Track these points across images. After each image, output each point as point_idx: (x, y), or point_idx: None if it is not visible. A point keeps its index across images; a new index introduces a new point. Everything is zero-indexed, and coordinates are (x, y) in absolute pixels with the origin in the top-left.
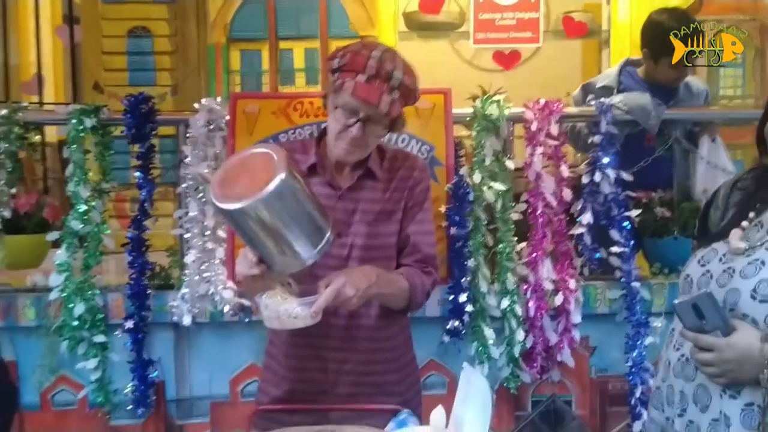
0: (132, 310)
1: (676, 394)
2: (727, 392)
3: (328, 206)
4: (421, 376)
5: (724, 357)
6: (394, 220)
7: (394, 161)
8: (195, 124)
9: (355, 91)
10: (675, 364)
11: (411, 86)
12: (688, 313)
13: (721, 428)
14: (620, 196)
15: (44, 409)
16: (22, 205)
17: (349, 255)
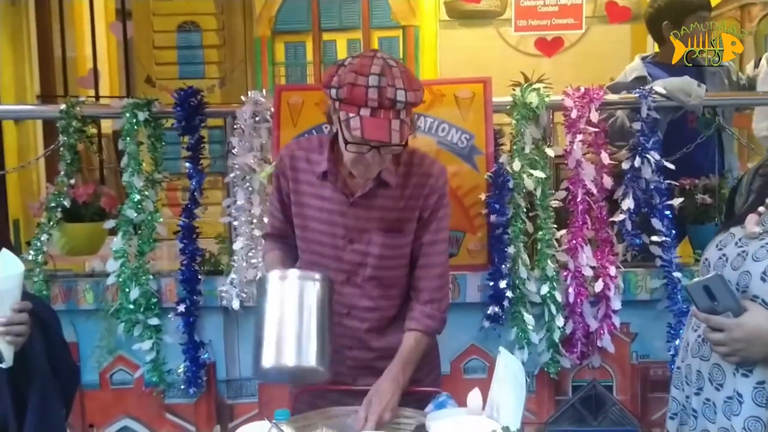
0: (184, 295)
1: (693, 373)
2: (740, 371)
3: (340, 213)
4: (462, 360)
5: (734, 336)
6: (409, 229)
7: (409, 166)
8: (241, 115)
9: (362, 132)
10: (692, 344)
11: (416, 99)
12: (700, 294)
13: (734, 406)
14: (662, 185)
15: (103, 388)
16: (80, 194)
17: (365, 263)
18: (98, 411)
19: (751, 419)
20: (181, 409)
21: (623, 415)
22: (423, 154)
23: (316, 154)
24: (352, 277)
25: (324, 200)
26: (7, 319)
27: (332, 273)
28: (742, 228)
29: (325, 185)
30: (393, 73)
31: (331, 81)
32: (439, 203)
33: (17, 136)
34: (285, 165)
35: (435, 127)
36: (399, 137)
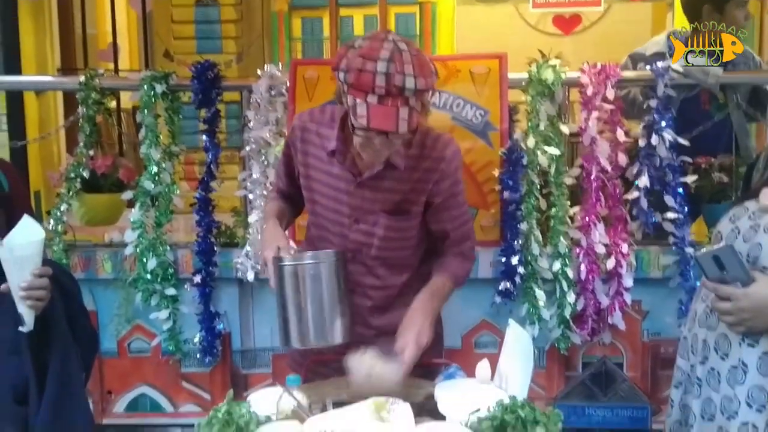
0: (200, 266)
1: (700, 343)
2: (746, 341)
3: (347, 192)
4: (473, 335)
5: (741, 306)
6: (416, 213)
7: (421, 148)
8: (257, 90)
9: (369, 121)
10: (700, 314)
11: (427, 86)
12: (709, 264)
13: (739, 375)
14: (676, 162)
15: (121, 355)
16: (99, 166)
17: (370, 243)
18: (116, 378)
19: (755, 388)
20: (197, 377)
21: (633, 391)
22: (437, 135)
23: (327, 129)
24: (358, 255)
25: (331, 177)
26: (28, 283)
27: (337, 248)
28: (757, 202)
29: (333, 162)
30: (403, 58)
31: (340, 63)
32: (455, 187)
33: (38, 108)
34: (296, 136)
35: (450, 102)
36: (407, 126)
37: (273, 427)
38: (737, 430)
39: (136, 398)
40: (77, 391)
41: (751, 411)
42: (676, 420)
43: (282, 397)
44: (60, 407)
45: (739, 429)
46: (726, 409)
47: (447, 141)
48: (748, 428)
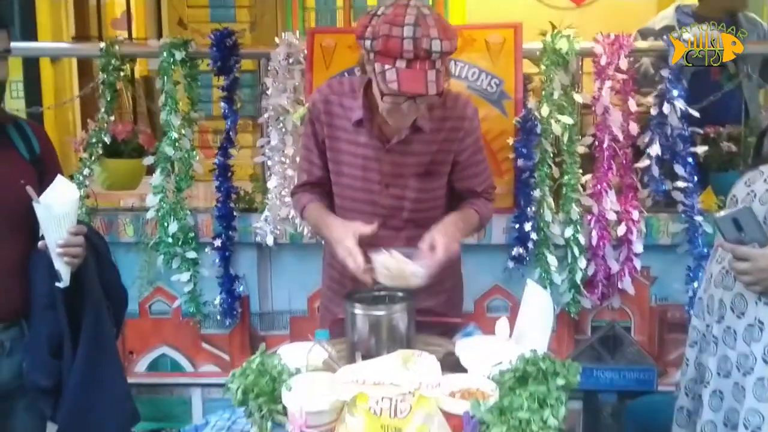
0: (219, 230)
1: (716, 303)
2: (762, 299)
3: (376, 159)
4: (485, 300)
5: (759, 266)
6: (443, 172)
7: (443, 109)
8: (275, 57)
9: (399, 85)
10: (716, 275)
11: (451, 48)
12: (728, 226)
13: (755, 333)
14: (686, 132)
15: (143, 317)
16: (119, 132)
17: (401, 206)
18: (137, 339)
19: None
20: (217, 339)
21: (640, 355)
22: (456, 95)
23: (350, 99)
24: (389, 220)
25: (359, 146)
26: (65, 240)
27: (367, 217)
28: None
29: (360, 131)
30: (428, 22)
31: (364, 32)
32: (477, 144)
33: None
34: (319, 110)
35: (465, 71)
36: (435, 88)
37: (307, 376)
38: (753, 385)
39: (157, 358)
40: (109, 345)
41: (767, 366)
42: (691, 378)
43: (312, 349)
44: (93, 360)
45: (755, 384)
46: (742, 366)
47: (465, 100)
48: (764, 383)
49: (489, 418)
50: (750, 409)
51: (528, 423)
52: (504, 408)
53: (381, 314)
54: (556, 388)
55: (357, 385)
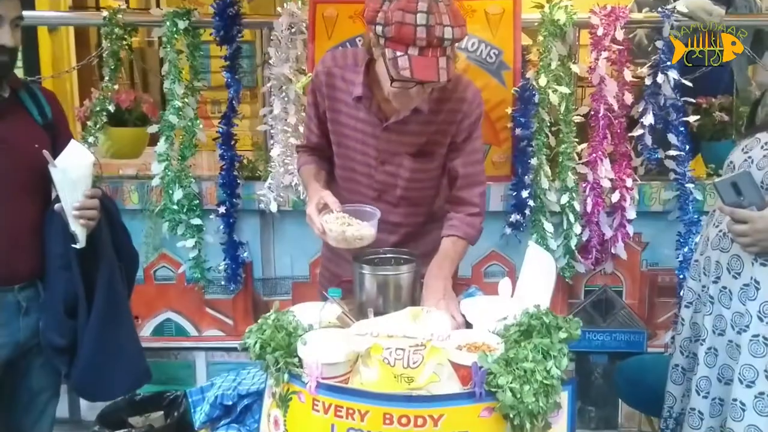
0: (223, 198)
1: (712, 264)
2: (759, 260)
3: (373, 135)
4: (483, 265)
5: (757, 227)
6: (439, 153)
7: (443, 91)
8: (278, 27)
9: (412, 72)
10: (713, 238)
11: (462, 35)
12: (727, 190)
13: (750, 292)
14: (679, 102)
15: (147, 283)
16: (123, 100)
17: (395, 184)
18: (143, 304)
19: (766, 304)
20: (220, 304)
21: (631, 318)
22: (458, 76)
23: (352, 73)
24: (383, 195)
25: (358, 122)
26: (81, 203)
27: (363, 189)
28: (766, 133)
29: (359, 107)
30: (440, 9)
31: (375, 17)
32: (474, 126)
33: (51, 45)
34: (321, 82)
35: (465, 42)
36: (446, 75)
37: (321, 331)
38: (749, 342)
39: (162, 323)
40: (122, 305)
41: (762, 324)
42: (686, 337)
43: (325, 307)
44: (107, 320)
45: (750, 341)
46: (737, 324)
47: (467, 83)
48: (759, 339)
49: (496, 369)
50: (745, 365)
51: (533, 373)
52: (510, 359)
53: (388, 274)
54: (559, 340)
55: (371, 338)
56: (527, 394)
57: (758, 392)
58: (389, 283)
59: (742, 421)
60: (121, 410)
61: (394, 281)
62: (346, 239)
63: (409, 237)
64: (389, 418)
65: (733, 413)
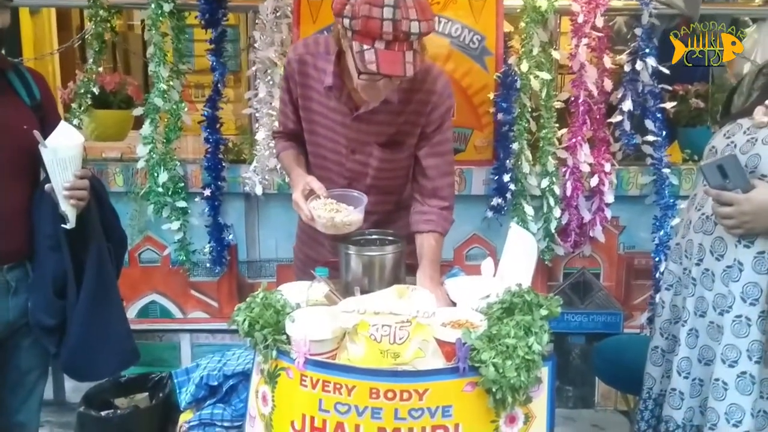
0: (209, 180)
1: (695, 247)
2: (742, 242)
3: (343, 125)
4: (465, 248)
5: (742, 209)
6: (409, 143)
7: (412, 82)
8: (263, 11)
9: (378, 66)
10: (695, 221)
11: (429, 29)
12: (713, 173)
13: (734, 273)
14: (657, 89)
15: (132, 265)
16: (108, 82)
17: (365, 173)
18: (128, 287)
19: (749, 285)
20: (205, 286)
21: (608, 299)
22: (427, 67)
23: (323, 61)
24: (354, 183)
25: (329, 110)
26: (71, 183)
27: (334, 177)
28: (750, 119)
29: (330, 96)
30: (407, 3)
31: (342, 9)
32: (444, 117)
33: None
34: (293, 69)
35: (449, 27)
36: (413, 69)
37: (308, 309)
38: (731, 323)
39: (147, 305)
40: (111, 285)
41: (745, 305)
42: (666, 319)
43: (312, 285)
44: (96, 300)
45: (732, 322)
46: (719, 305)
47: (437, 74)
48: (741, 320)
49: (479, 345)
50: (728, 345)
51: (515, 348)
52: (492, 335)
53: (374, 254)
54: (540, 317)
55: (358, 315)
56: (509, 369)
57: (740, 372)
58: (375, 263)
59: (725, 400)
60: (106, 392)
61: (380, 261)
62: (335, 225)
63: (378, 225)
64: (375, 392)
65: (715, 393)
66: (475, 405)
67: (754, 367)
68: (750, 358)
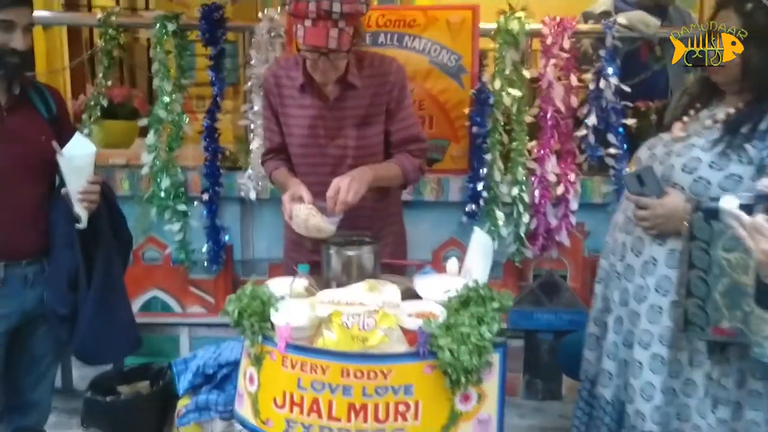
0: (207, 186)
1: (619, 245)
2: (656, 241)
3: (320, 116)
4: (443, 250)
5: (656, 213)
6: (379, 121)
7: (371, 68)
8: (259, 31)
9: (305, 39)
10: (621, 223)
11: (353, 9)
12: (633, 182)
13: (650, 268)
14: (619, 106)
15: (136, 263)
16: (116, 95)
17: (345, 154)
18: (131, 283)
19: (662, 278)
20: (203, 283)
21: (574, 299)
22: (381, 56)
23: (294, 71)
24: (336, 168)
25: (305, 108)
26: (84, 188)
27: (319, 168)
28: (669, 134)
29: (304, 96)
30: None
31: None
32: (401, 93)
33: (45, 42)
34: (271, 84)
35: (428, 47)
36: (337, 43)
37: (291, 301)
38: (647, 311)
39: (149, 300)
40: (118, 279)
41: (658, 295)
42: (598, 309)
43: (295, 280)
44: (104, 293)
45: (647, 310)
46: (637, 296)
47: (391, 60)
48: (654, 309)
49: (438, 332)
50: (644, 330)
51: (468, 336)
52: (450, 325)
53: (352, 254)
54: (492, 309)
55: (332, 305)
56: (463, 354)
57: (653, 353)
58: (352, 262)
59: (640, 378)
60: (110, 379)
61: (357, 260)
62: (307, 227)
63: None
64: (346, 372)
65: (632, 372)
66: (434, 385)
67: (664, 350)
68: (661, 342)
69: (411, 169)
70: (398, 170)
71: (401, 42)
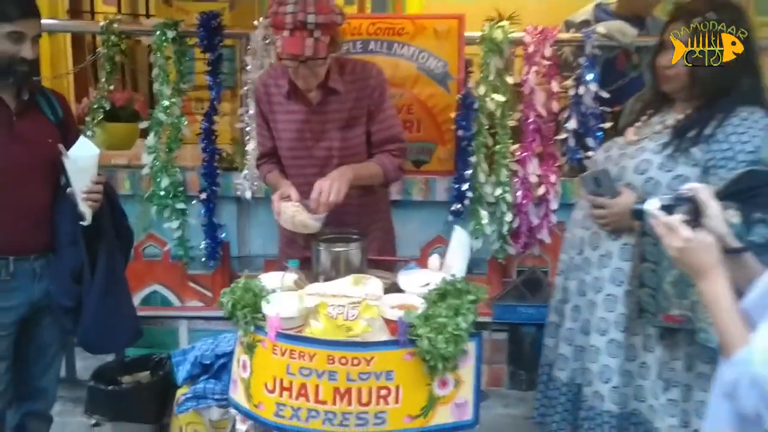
0: (205, 185)
1: (577, 240)
2: (611, 236)
3: (305, 120)
4: (430, 247)
5: (611, 212)
6: (361, 123)
7: (353, 74)
8: (254, 38)
9: (283, 49)
10: (579, 219)
11: (327, 20)
12: (590, 182)
13: (606, 261)
14: (598, 111)
15: (137, 259)
16: (118, 99)
17: (331, 155)
18: (132, 278)
19: (616, 270)
20: (201, 278)
21: None
22: (363, 62)
23: (282, 80)
24: (324, 169)
25: (292, 113)
26: (88, 188)
27: (307, 169)
28: (623, 137)
29: (291, 102)
30: (307, 1)
31: (268, 11)
32: (382, 96)
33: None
34: (261, 92)
35: (416, 55)
36: (313, 51)
37: (281, 293)
38: (603, 300)
39: (149, 294)
40: (120, 274)
41: (613, 286)
42: (558, 299)
43: (285, 274)
44: (107, 286)
45: (603, 299)
46: (594, 286)
47: (371, 65)
48: (610, 298)
49: (417, 323)
50: (600, 318)
51: (445, 326)
52: (428, 316)
53: (339, 250)
54: (468, 301)
55: (319, 297)
56: (440, 342)
57: (609, 339)
58: (340, 258)
59: (597, 362)
60: (112, 370)
61: (344, 256)
62: (293, 223)
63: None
64: (332, 359)
65: (590, 356)
66: (413, 370)
67: (620, 335)
68: (617, 328)
69: (391, 168)
70: (378, 169)
71: (390, 49)
